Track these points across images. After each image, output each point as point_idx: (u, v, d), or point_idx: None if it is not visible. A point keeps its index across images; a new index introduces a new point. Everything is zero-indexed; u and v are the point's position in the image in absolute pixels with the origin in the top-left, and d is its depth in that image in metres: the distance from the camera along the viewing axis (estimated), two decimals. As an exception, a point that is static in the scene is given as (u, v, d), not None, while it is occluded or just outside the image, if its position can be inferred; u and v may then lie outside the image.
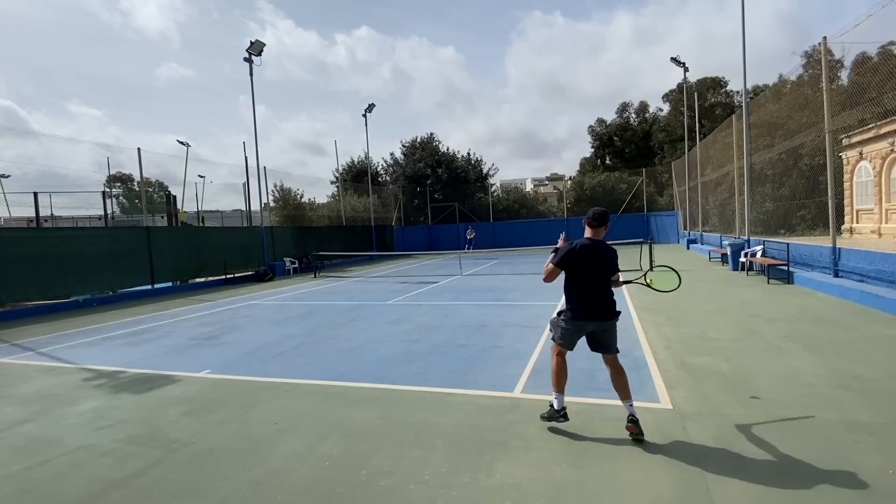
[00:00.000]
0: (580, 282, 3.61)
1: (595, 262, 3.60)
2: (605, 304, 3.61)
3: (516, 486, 2.92)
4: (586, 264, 3.58)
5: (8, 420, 4.61)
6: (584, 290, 3.60)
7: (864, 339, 5.95)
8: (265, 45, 19.11)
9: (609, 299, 3.64)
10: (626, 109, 42.89)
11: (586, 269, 3.59)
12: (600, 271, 3.61)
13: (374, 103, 30.82)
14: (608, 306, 3.62)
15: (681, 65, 25.21)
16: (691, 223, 24.92)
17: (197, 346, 7.46)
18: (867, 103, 10.94)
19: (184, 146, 25.18)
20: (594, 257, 3.60)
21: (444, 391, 4.71)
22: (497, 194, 36.42)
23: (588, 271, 3.59)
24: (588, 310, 3.58)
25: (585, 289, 3.60)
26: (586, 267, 3.58)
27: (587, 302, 3.58)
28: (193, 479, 3.23)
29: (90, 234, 14.52)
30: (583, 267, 3.59)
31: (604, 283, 3.63)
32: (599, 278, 3.62)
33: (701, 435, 3.48)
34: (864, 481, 2.79)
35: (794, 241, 12.42)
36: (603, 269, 3.62)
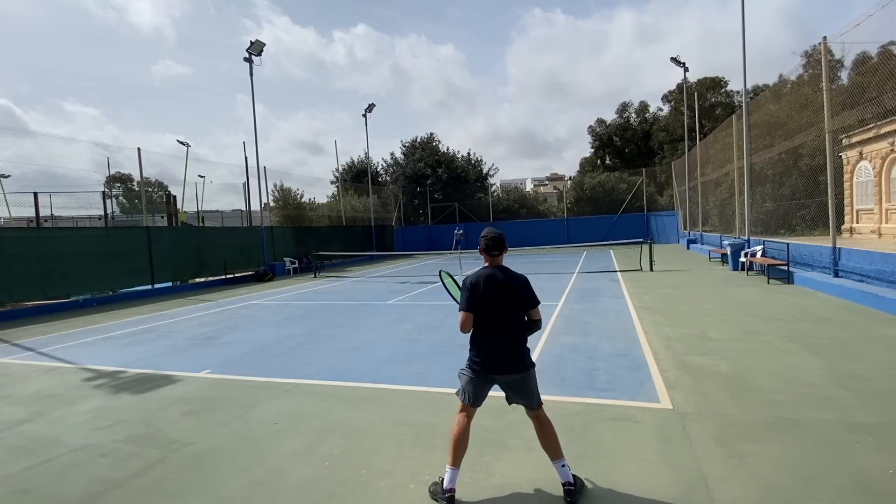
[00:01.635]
0: (484, 324, 2.86)
1: (500, 297, 2.84)
2: (512, 353, 2.85)
3: (516, 486, 2.92)
4: (486, 301, 2.83)
5: (8, 420, 4.61)
6: (487, 336, 2.85)
7: (864, 339, 5.95)
8: (265, 45, 19.12)
9: (519, 347, 2.88)
10: (626, 109, 42.92)
11: (491, 308, 2.84)
12: (508, 309, 2.85)
13: (373, 103, 30.89)
14: (517, 357, 2.86)
15: (681, 65, 25.22)
16: (691, 223, 24.92)
17: (197, 346, 7.46)
18: (867, 103, 10.94)
19: (183, 146, 25.20)
20: (498, 292, 2.84)
21: (444, 391, 4.71)
22: (497, 194, 36.44)
23: (492, 310, 2.83)
24: (492, 362, 2.83)
25: (489, 334, 2.85)
26: (491, 304, 2.83)
27: (491, 351, 2.84)
28: (193, 479, 3.23)
29: (90, 234, 14.52)
30: (487, 304, 2.83)
31: (513, 326, 2.87)
32: (507, 319, 2.85)
33: (701, 435, 3.48)
34: (864, 481, 2.79)
35: (794, 241, 12.42)
36: (511, 306, 2.86)
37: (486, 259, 3.00)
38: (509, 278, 2.90)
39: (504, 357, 2.85)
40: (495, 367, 2.85)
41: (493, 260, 2.98)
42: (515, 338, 2.89)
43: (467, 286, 2.88)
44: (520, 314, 2.91)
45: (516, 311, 2.89)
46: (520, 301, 2.89)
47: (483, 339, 2.87)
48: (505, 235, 3.06)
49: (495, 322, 2.85)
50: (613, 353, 5.78)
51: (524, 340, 2.93)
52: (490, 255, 2.98)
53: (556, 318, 7.97)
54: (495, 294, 2.85)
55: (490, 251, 2.96)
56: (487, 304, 2.84)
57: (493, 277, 2.88)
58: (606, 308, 8.78)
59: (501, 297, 2.85)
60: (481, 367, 2.85)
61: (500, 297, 2.85)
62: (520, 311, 2.91)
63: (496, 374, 2.86)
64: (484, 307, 2.84)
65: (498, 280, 2.88)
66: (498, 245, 2.96)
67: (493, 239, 2.96)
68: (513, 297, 2.87)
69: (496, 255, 2.97)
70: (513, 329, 2.88)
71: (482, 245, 2.98)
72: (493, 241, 2.96)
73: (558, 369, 5.23)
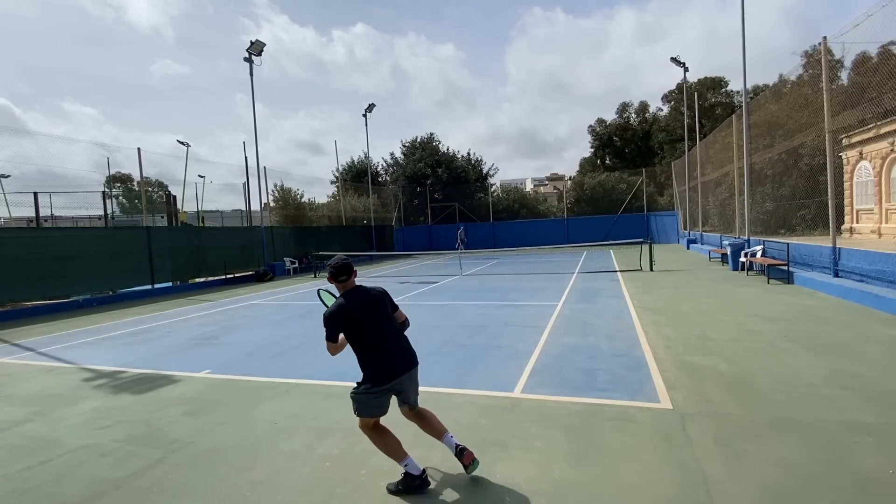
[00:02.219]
0: (364, 343, 2.99)
1: (369, 311, 3.02)
2: (404, 353, 3.09)
3: (516, 486, 2.92)
4: (356, 325, 2.98)
5: (8, 420, 4.61)
6: (379, 347, 3.00)
7: (864, 339, 5.95)
8: (265, 45, 19.12)
9: (407, 344, 3.15)
10: (626, 109, 42.92)
11: (362, 328, 2.98)
12: (382, 318, 3.06)
13: (374, 103, 30.89)
14: (408, 355, 3.10)
15: (681, 65, 25.22)
16: (691, 223, 24.92)
17: (197, 346, 7.46)
18: (867, 103, 10.95)
19: (183, 146, 25.20)
20: (360, 314, 2.99)
21: (444, 391, 4.71)
22: (497, 194, 36.43)
23: (365, 328, 2.99)
24: (388, 370, 2.97)
25: (380, 344, 3.01)
26: (358, 326, 2.98)
27: (388, 358, 3.00)
28: (193, 479, 3.24)
29: (90, 234, 14.52)
30: (355, 328, 2.98)
31: (394, 329, 3.11)
32: (387, 326, 3.06)
33: (701, 435, 3.48)
34: (864, 481, 2.79)
35: (794, 241, 12.42)
36: (380, 318, 3.05)
37: (339, 287, 3.09)
38: (369, 292, 3.09)
39: (404, 355, 3.08)
40: (401, 367, 3.03)
41: (345, 285, 3.08)
42: (403, 337, 3.16)
43: (330, 316, 2.98)
44: (392, 319, 3.14)
45: (390, 317, 3.12)
46: (388, 306, 3.13)
47: (379, 349, 3.00)
48: (350, 261, 3.14)
49: (383, 331, 3.04)
50: (613, 353, 5.78)
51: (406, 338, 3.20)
52: (340, 283, 3.07)
53: (556, 318, 7.97)
54: (364, 310, 3.01)
55: (337, 277, 3.06)
56: (363, 320, 3.00)
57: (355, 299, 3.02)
58: (606, 308, 8.78)
59: (373, 309, 3.04)
60: (387, 374, 2.97)
61: (370, 309, 3.03)
62: (391, 316, 3.13)
63: (402, 374, 3.01)
64: (362, 324, 2.99)
65: (361, 297, 3.05)
66: (343, 271, 3.06)
67: (336, 267, 3.07)
68: (380, 306, 3.09)
69: (344, 280, 3.07)
70: (397, 331, 3.13)
71: (329, 275, 3.10)
72: (336, 269, 3.07)
73: (558, 369, 5.23)
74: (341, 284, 3.08)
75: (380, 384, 2.94)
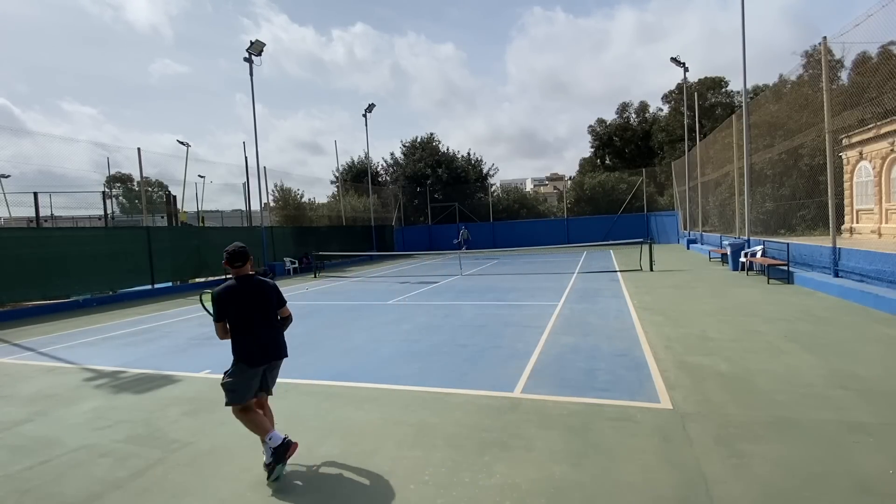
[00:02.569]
0: (244, 326, 3.28)
1: (249, 301, 3.29)
2: (275, 343, 3.41)
3: (516, 486, 2.92)
4: (239, 307, 3.26)
5: (8, 420, 4.61)
6: (252, 333, 3.29)
7: (864, 339, 5.95)
8: (265, 45, 19.13)
9: (279, 338, 3.45)
10: (625, 109, 42.92)
11: (245, 312, 3.28)
12: (261, 310, 3.34)
13: (374, 103, 30.88)
14: (278, 346, 3.43)
15: (681, 65, 25.22)
16: (691, 223, 24.92)
17: (197, 345, 7.46)
18: (867, 103, 10.95)
19: (184, 146, 25.19)
20: (246, 298, 3.28)
21: (444, 391, 4.71)
22: (497, 194, 36.42)
23: (247, 313, 3.28)
24: (260, 353, 3.30)
25: (253, 331, 3.30)
26: (242, 309, 3.27)
27: (258, 345, 3.29)
28: (193, 479, 3.24)
29: (90, 234, 14.52)
30: (239, 310, 3.26)
31: (270, 322, 3.39)
32: (263, 318, 3.35)
33: (701, 435, 3.48)
34: (864, 481, 2.79)
35: (794, 241, 12.42)
36: (263, 307, 3.35)
37: (233, 271, 3.34)
38: (257, 284, 3.35)
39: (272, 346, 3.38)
40: (267, 355, 3.34)
41: (238, 271, 3.34)
42: (278, 332, 3.45)
43: (217, 298, 3.24)
44: (273, 313, 3.41)
45: (271, 311, 3.40)
46: (272, 301, 3.40)
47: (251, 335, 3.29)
48: (247, 248, 3.41)
49: (257, 321, 3.31)
50: (613, 353, 5.78)
51: (282, 333, 3.49)
52: (233, 267, 3.33)
53: (556, 318, 7.97)
54: (246, 299, 3.28)
55: (232, 263, 3.31)
56: (242, 308, 3.27)
57: (240, 288, 3.29)
58: (606, 308, 8.78)
59: (254, 300, 3.31)
60: (256, 359, 3.28)
61: (251, 300, 3.30)
62: (273, 310, 3.41)
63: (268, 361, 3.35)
64: (241, 312, 3.26)
65: (247, 287, 3.31)
66: (238, 257, 3.32)
67: (232, 254, 3.32)
68: (262, 299, 3.35)
69: (238, 265, 3.33)
70: (273, 324, 3.41)
71: (225, 260, 3.33)
72: (231, 254, 3.32)
73: (558, 369, 5.23)
74: (235, 270, 3.33)
75: (253, 365, 3.26)
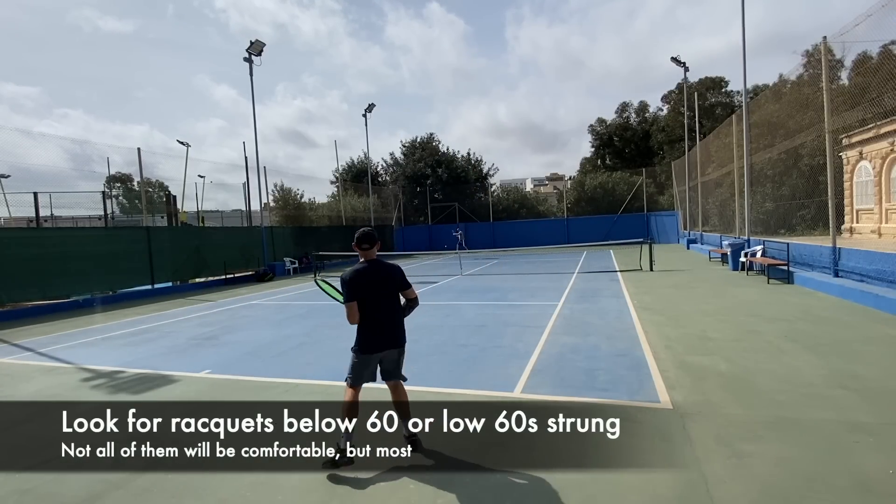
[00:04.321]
0: (369, 310, 3.30)
1: (377, 284, 3.33)
2: (396, 329, 3.39)
3: (516, 486, 2.92)
4: (368, 290, 3.30)
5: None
6: (373, 319, 3.31)
7: (864, 339, 5.95)
8: (265, 45, 19.13)
9: (400, 324, 3.43)
10: (625, 109, 42.95)
11: (371, 295, 3.31)
12: (387, 294, 3.37)
13: (373, 103, 30.83)
14: (399, 332, 3.42)
15: (681, 65, 25.23)
16: (691, 223, 24.92)
17: (197, 346, 7.46)
18: (867, 103, 10.94)
19: (184, 146, 25.18)
20: (375, 280, 3.33)
21: (445, 391, 4.71)
22: (497, 194, 36.43)
23: (373, 296, 3.31)
24: (378, 340, 3.32)
25: (375, 317, 3.31)
26: (369, 292, 3.30)
27: (377, 331, 3.32)
28: (193, 480, 3.23)
29: (90, 234, 14.53)
30: (366, 294, 3.30)
31: (394, 307, 3.40)
32: (388, 302, 3.37)
33: (701, 435, 3.48)
34: (864, 481, 2.79)
35: (794, 240, 12.42)
36: (389, 291, 3.38)
37: (361, 254, 3.41)
38: (384, 267, 3.40)
39: (393, 332, 3.38)
40: (386, 342, 3.35)
41: (366, 254, 3.40)
42: (399, 318, 3.42)
43: (348, 279, 3.30)
44: (397, 296, 3.42)
45: (395, 294, 3.41)
46: (397, 284, 3.40)
47: (373, 320, 3.31)
48: (375, 232, 3.48)
49: (382, 306, 3.34)
50: (613, 353, 5.78)
51: (403, 319, 3.46)
52: (363, 251, 3.39)
53: (556, 318, 7.97)
54: (375, 280, 3.33)
55: (362, 247, 3.38)
56: (370, 291, 3.31)
57: (369, 269, 3.34)
58: (606, 308, 8.78)
59: (382, 283, 3.35)
60: (373, 346, 3.31)
61: (379, 282, 3.34)
62: (396, 294, 3.42)
63: (386, 348, 3.35)
64: (368, 295, 3.30)
65: (375, 270, 3.36)
66: (367, 240, 3.39)
67: (363, 236, 3.40)
68: (390, 282, 3.38)
69: (368, 248, 3.39)
70: (396, 310, 3.41)
71: (355, 242, 3.41)
72: (363, 238, 3.39)
73: (558, 369, 5.23)
74: (364, 252, 3.38)
75: (363, 352, 3.30)
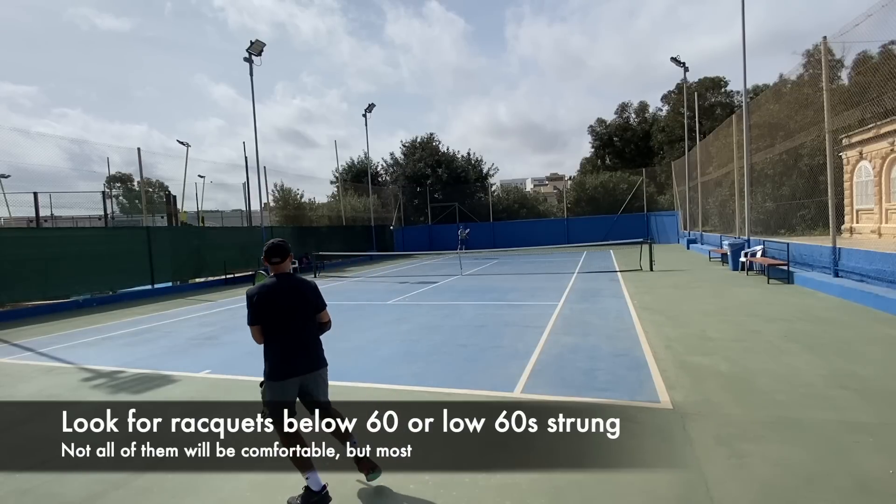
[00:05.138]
0: (277, 332, 2.95)
1: (286, 302, 2.95)
2: (309, 351, 3.02)
3: (516, 486, 2.92)
4: (275, 309, 2.93)
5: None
6: (282, 341, 2.94)
7: (864, 339, 5.95)
8: (265, 45, 19.12)
9: (314, 345, 3.06)
10: (625, 109, 42.99)
11: (279, 315, 2.94)
12: (298, 313, 2.99)
13: (373, 103, 30.84)
14: (313, 354, 3.04)
15: (681, 65, 25.23)
16: (691, 223, 24.92)
17: (197, 346, 7.46)
18: (867, 103, 10.94)
19: (184, 146, 25.19)
20: (284, 297, 2.95)
21: (444, 391, 4.71)
22: (497, 194, 36.42)
23: (282, 316, 2.95)
24: (290, 365, 2.93)
25: (285, 339, 2.95)
26: (277, 312, 2.94)
27: (288, 354, 2.94)
28: (193, 479, 3.23)
29: (90, 234, 14.53)
30: (274, 313, 2.93)
31: (305, 327, 3.02)
32: (298, 323, 2.98)
33: (701, 435, 3.48)
34: (864, 481, 2.79)
35: (794, 240, 12.42)
36: (300, 309, 3.00)
37: (271, 269, 3.05)
38: (297, 284, 3.03)
39: (305, 357, 2.99)
40: (298, 367, 2.95)
41: (277, 268, 3.04)
42: (313, 339, 3.06)
43: (250, 298, 2.94)
44: (309, 317, 3.04)
45: (308, 315, 3.03)
46: (310, 304, 3.03)
47: (280, 344, 2.95)
48: (287, 244, 3.09)
49: (291, 326, 2.96)
50: (613, 353, 5.78)
51: (318, 340, 3.11)
52: (273, 265, 3.04)
53: (556, 318, 7.97)
54: (282, 299, 2.95)
55: (272, 261, 3.03)
56: (277, 311, 2.94)
57: (277, 287, 2.97)
58: (606, 308, 8.78)
59: (291, 302, 2.97)
60: (283, 372, 2.92)
61: (288, 302, 2.96)
62: (309, 314, 3.04)
63: (299, 374, 2.95)
64: (275, 315, 2.93)
65: (284, 287, 2.99)
66: (276, 252, 3.03)
67: (272, 248, 3.04)
68: (300, 301, 3.00)
69: (278, 262, 3.03)
70: (308, 331, 3.03)
71: (264, 255, 3.05)
72: (272, 250, 3.03)
73: (558, 369, 5.23)
74: (274, 266, 3.05)
75: (273, 378, 2.92)
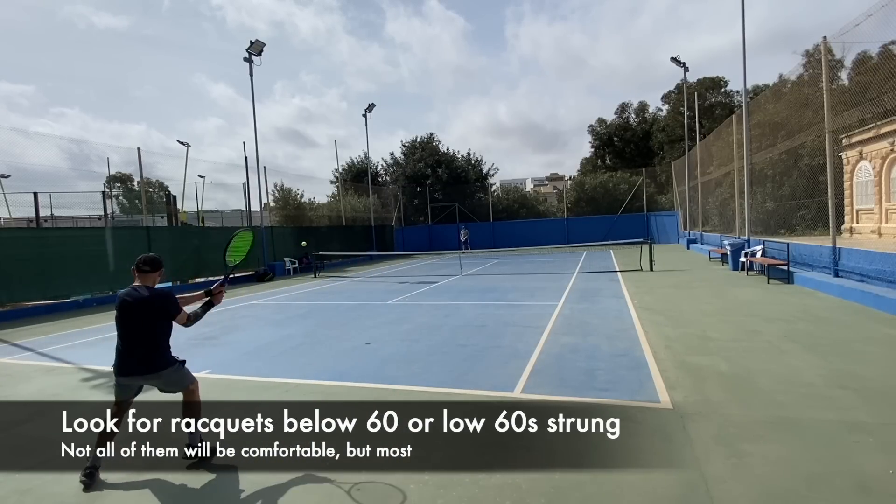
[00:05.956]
0: (119, 333, 3.34)
1: (131, 309, 3.27)
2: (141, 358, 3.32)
3: (516, 486, 2.92)
4: (122, 312, 3.28)
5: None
6: (121, 343, 3.34)
7: (864, 339, 5.95)
8: (265, 45, 19.12)
9: (150, 352, 3.33)
10: (625, 110, 42.99)
11: (123, 319, 3.30)
12: (137, 321, 3.28)
13: (373, 103, 30.84)
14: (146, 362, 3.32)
15: (681, 65, 25.23)
16: (691, 223, 24.92)
17: (197, 346, 7.46)
18: (867, 103, 10.94)
19: (183, 146, 25.20)
20: (131, 304, 3.27)
21: (444, 391, 4.71)
22: (497, 194, 36.42)
23: (125, 320, 3.29)
24: (124, 366, 3.33)
25: (123, 342, 3.33)
26: (123, 315, 3.29)
27: (124, 356, 3.33)
28: (194, 480, 3.23)
29: (90, 234, 14.52)
30: (120, 315, 3.30)
31: (142, 335, 3.30)
32: (137, 330, 3.29)
33: (701, 435, 3.48)
34: (864, 481, 2.79)
35: (794, 240, 12.42)
36: (141, 319, 3.27)
37: (137, 278, 3.38)
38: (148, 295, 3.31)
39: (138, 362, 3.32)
40: (131, 369, 3.33)
41: (142, 278, 3.37)
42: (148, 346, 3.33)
43: None
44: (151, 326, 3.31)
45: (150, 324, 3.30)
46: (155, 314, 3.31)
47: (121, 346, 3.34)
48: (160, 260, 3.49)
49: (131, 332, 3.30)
50: (613, 353, 5.78)
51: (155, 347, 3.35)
52: (140, 274, 3.38)
53: (556, 318, 7.96)
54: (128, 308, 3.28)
55: (142, 270, 3.38)
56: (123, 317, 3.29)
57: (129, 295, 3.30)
58: (606, 308, 8.78)
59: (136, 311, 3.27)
60: (120, 370, 3.34)
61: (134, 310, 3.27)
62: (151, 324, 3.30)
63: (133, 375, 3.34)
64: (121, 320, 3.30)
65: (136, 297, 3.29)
66: (147, 263, 3.41)
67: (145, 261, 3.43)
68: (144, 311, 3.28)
69: (147, 273, 3.39)
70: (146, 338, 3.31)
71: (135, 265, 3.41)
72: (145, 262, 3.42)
73: (558, 369, 5.23)
74: (141, 276, 3.37)
75: (117, 374, 3.35)
